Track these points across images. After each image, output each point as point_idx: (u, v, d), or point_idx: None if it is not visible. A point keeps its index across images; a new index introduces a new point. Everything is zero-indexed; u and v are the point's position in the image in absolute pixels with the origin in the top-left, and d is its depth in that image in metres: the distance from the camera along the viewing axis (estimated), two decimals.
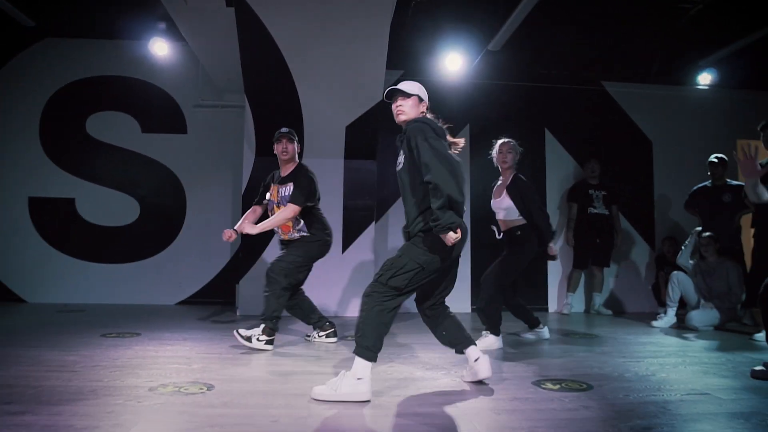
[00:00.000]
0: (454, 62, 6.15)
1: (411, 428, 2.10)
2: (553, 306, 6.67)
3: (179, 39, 6.06)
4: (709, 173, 5.61)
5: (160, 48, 6.19)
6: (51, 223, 6.54)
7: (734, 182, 5.51)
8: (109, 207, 6.58)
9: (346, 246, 5.88)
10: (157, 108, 6.69)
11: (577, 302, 6.65)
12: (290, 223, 3.91)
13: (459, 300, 6.21)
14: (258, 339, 3.64)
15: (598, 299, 6.41)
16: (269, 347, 3.67)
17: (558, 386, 2.74)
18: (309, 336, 4.15)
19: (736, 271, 5.02)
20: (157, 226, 6.61)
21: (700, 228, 5.38)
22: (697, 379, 2.94)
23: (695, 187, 5.75)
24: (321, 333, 4.08)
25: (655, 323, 5.19)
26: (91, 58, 6.65)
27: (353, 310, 5.59)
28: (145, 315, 5.37)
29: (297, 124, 5.50)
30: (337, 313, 5.69)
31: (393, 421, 2.19)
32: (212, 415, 2.19)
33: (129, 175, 6.61)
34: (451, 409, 2.37)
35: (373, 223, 5.95)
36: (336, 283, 5.75)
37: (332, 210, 5.68)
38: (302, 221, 3.92)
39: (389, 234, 6.40)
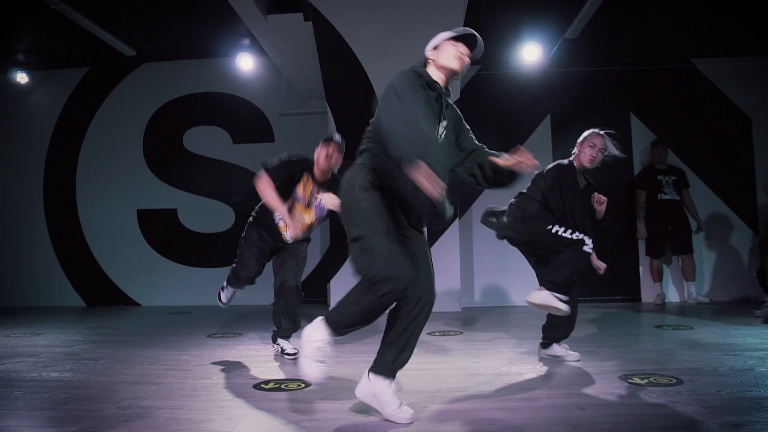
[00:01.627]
0: (531, 53, 6.09)
1: (494, 424, 2.19)
2: (645, 297, 6.44)
3: (262, 53, 6.43)
4: None
5: (246, 63, 6.60)
6: (157, 233, 7.15)
7: None
8: (207, 215, 7.08)
9: (431, 242, 5.99)
10: (245, 119, 7.11)
11: (672, 292, 6.40)
12: (303, 228, 3.62)
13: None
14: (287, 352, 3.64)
15: (693, 287, 6.12)
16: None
17: (646, 381, 2.72)
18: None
19: None
20: None
21: None
22: None
23: None
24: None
25: (758, 313, 4.90)
26: (184, 77, 7.18)
27: (440, 305, 5.68)
28: (244, 315, 5.77)
29: None
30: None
31: (476, 416, 2.28)
32: (311, 410, 2.39)
33: (223, 184, 7.08)
34: (536, 403, 2.43)
35: (458, 219, 6.02)
36: None
37: None
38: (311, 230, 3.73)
39: (473, 230, 6.45)
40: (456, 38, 2.36)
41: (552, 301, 3.05)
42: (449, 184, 2.17)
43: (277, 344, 3.72)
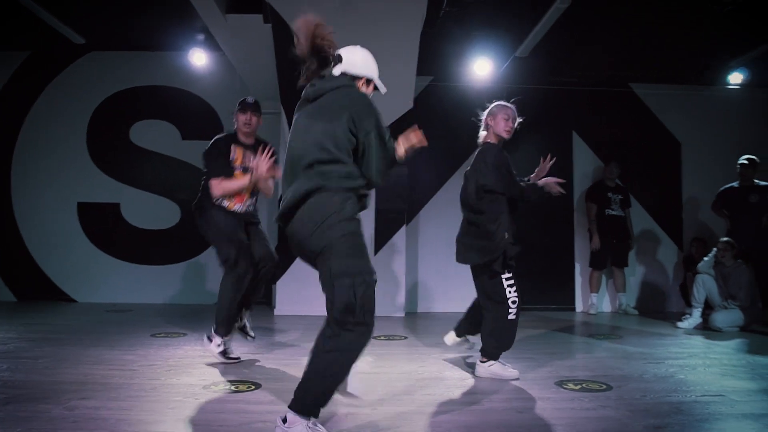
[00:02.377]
0: (482, 68, 6.31)
1: (439, 426, 2.31)
2: (579, 306, 6.79)
3: (216, 49, 6.36)
4: (738, 174, 5.67)
5: (199, 58, 6.51)
6: (98, 227, 6.92)
7: (762, 183, 5.56)
8: (152, 211, 6.93)
9: (378, 248, 6.10)
10: (196, 115, 7.00)
11: (605, 303, 6.77)
12: (247, 194, 3.61)
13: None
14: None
15: (624, 299, 6.51)
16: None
17: (579, 386, 2.92)
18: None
19: (747, 274, 5.12)
20: (198, 229, 6.92)
21: (726, 238, 5.41)
22: (714, 381, 3.08)
23: (722, 188, 5.82)
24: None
25: (680, 324, 5.28)
26: (134, 69, 7.00)
27: (380, 310, 5.80)
28: (188, 315, 5.69)
29: None
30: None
31: (424, 420, 2.40)
32: (263, 411, 2.44)
33: (170, 180, 6.94)
34: (478, 407, 2.57)
35: (404, 226, 6.16)
36: None
37: (365, 214, 5.86)
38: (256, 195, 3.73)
39: (419, 235, 6.60)
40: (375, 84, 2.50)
41: (500, 371, 3.13)
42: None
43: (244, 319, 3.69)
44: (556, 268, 6.75)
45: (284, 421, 2.00)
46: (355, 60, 2.41)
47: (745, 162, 5.61)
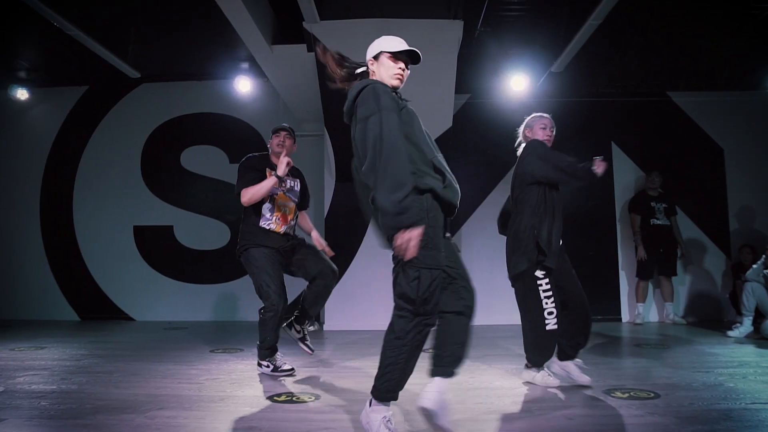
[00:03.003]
0: (518, 83, 6.42)
1: (499, 430, 2.44)
2: (626, 316, 6.76)
3: (260, 76, 6.69)
4: None
5: (244, 85, 6.85)
6: (153, 249, 7.30)
7: None
8: (202, 232, 7.26)
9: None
10: (242, 140, 7.31)
11: (652, 312, 6.73)
12: (291, 215, 3.77)
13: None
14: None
15: (671, 308, 6.46)
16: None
17: (627, 395, 2.99)
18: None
19: None
20: None
21: None
22: (765, 389, 3.10)
23: None
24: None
25: (730, 333, 5.24)
26: (182, 98, 7.40)
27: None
28: (242, 331, 5.94)
29: None
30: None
31: (478, 426, 2.52)
32: (325, 419, 2.61)
33: (219, 202, 7.26)
34: (530, 414, 2.68)
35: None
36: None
37: None
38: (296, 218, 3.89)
39: (463, 249, 6.70)
40: (395, 54, 2.42)
41: (545, 380, 3.24)
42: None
43: (298, 328, 3.79)
44: (601, 278, 6.74)
45: (370, 404, 2.25)
46: (367, 54, 2.54)
47: None
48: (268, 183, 3.59)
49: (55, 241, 7.37)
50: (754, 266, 5.39)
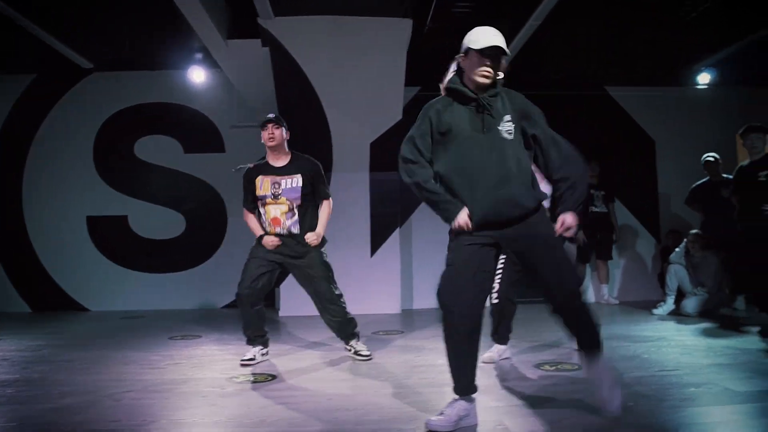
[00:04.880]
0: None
1: (435, 402, 2.73)
2: None
3: (214, 66, 6.75)
4: (705, 171, 6.10)
5: (198, 75, 6.90)
6: (107, 239, 7.31)
7: (730, 177, 5.98)
8: (157, 222, 7.31)
9: (374, 250, 6.50)
10: (197, 130, 7.39)
11: (590, 294, 7.20)
12: (284, 216, 3.68)
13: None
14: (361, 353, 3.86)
15: (606, 289, 6.95)
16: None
17: (554, 367, 3.35)
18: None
19: (714, 263, 5.58)
20: (202, 238, 7.33)
21: (695, 231, 5.83)
22: (672, 359, 3.51)
23: (695, 184, 6.22)
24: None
25: (655, 311, 5.73)
26: (136, 88, 7.37)
27: (378, 307, 6.18)
28: (198, 318, 6.08)
29: (326, 143, 6.14)
30: (363, 312, 6.28)
31: (418, 397, 2.81)
32: (281, 396, 2.86)
33: (174, 192, 7.33)
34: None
35: (398, 228, 6.56)
36: (364, 284, 6.36)
37: (360, 218, 6.35)
38: (297, 214, 3.71)
39: (413, 238, 7.00)
40: (482, 51, 2.39)
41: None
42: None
43: (350, 346, 3.85)
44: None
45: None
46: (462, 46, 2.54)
47: (711, 159, 6.03)
48: (253, 227, 3.74)
49: (4, 233, 7.27)
50: (677, 250, 5.89)
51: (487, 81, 2.42)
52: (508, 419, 2.47)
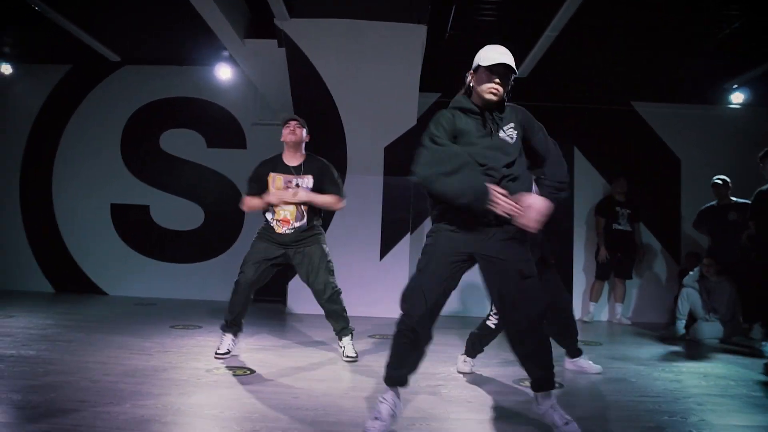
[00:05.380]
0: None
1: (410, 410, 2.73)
2: (577, 314, 7.07)
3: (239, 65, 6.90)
4: (714, 193, 5.94)
5: (224, 72, 7.06)
6: (129, 226, 7.54)
7: (739, 200, 5.80)
8: (178, 213, 7.51)
9: (383, 254, 6.52)
10: (220, 126, 7.56)
11: (604, 312, 7.05)
12: (293, 217, 3.74)
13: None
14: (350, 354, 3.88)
15: (620, 309, 6.78)
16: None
17: None
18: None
19: (729, 287, 5.38)
20: (219, 231, 7.49)
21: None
22: (657, 385, 3.42)
23: (702, 208, 6.08)
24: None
25: (663, 333, 5.56)
26: (164, 82, 7.59)
27: (385, 311, 6.19)
28: (207, 309, 6.20)
29: (340, 146, 6.20)
30: (369, 314, 6.32)
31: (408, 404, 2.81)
32: (251, 390, 2.91)
33: (196, 185, 7.51)
34: (435, 395, 2.98)
35: (408, 234, 6.57)
36: (373, 286, 6.39)
37: (371, 221, 6.39)
38: (306, 214, 3.78)
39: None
40: (491, 68, 2.43)
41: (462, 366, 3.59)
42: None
43: (341, 342, 3.92)
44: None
45: None
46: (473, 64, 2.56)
47: (719, 182, 5.89)
48: (258, 203, 3.76)
49: (33, 215, 7.58)
50: (691, 273, 5.71)
51: (494, 98, 2.46)
52: None
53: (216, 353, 3.71)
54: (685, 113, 7.33)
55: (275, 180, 3.76)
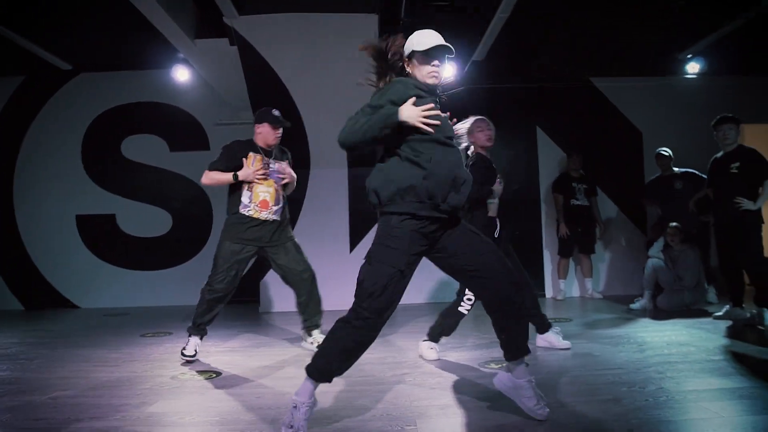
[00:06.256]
0: (445, 71, 6.66)
1: (358, 403, 2.74)
2: (549, 293, 7.17)
3: None
4: (658, 164, 6.13)
5: (182, 74, 6.93)
6: (96, 237, 7.42)
7: (682, 170, 5.99)
8: (145, 220, 7.41)
9: (353, 246, 6.52)
10: (181, 128, 7.44)
11: (574, 288, 7.14)
12: (272, 200, 3.79)
13: None
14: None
15: (590, 284, 6.88)
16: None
17: (500, 365, 3.33)
18: None
19: (693, 255, 5.49)
20: (188, 235, 7.41)
21: (674, 224, 5.75)
22: (620, 357, 3.48)
23: (649, 180, 6.23)
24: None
25: (632, 306, 5.66)
26: (121, 88, 7.44)
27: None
28: (178, 315, 6.13)
29: (302, 141, 6.16)
30: (341, 307, 6.33)
31: (347, 399, 2.82)
32: (215, 393, 2.89)
33: (161, 190, 7.41)
34: (398, 383, 3.00)
35: (377, 224, 6.55)
36: (343, 279, 6.36)
37: (340, 214, 6.39)
38: (282, 202, 3.88)
39: None
40: (427, 52, 2.40)
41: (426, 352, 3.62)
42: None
43: (312, 338, 3.95)
44: (525, 257, 7.08)
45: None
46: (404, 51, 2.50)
47: (664, 153, 6.11)
48: (224, 178, 3.71)
49: None
50: (656, 243, 5.81)
51: (436, 81, 2.46)
52: (449, 416, 2.47)
53: (186, 357, 3.69)
54: (644, 86, 7.41)
55: (255, 160, 3.76)
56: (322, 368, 2.30)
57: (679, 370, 3.11)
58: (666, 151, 6.10)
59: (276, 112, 3.93)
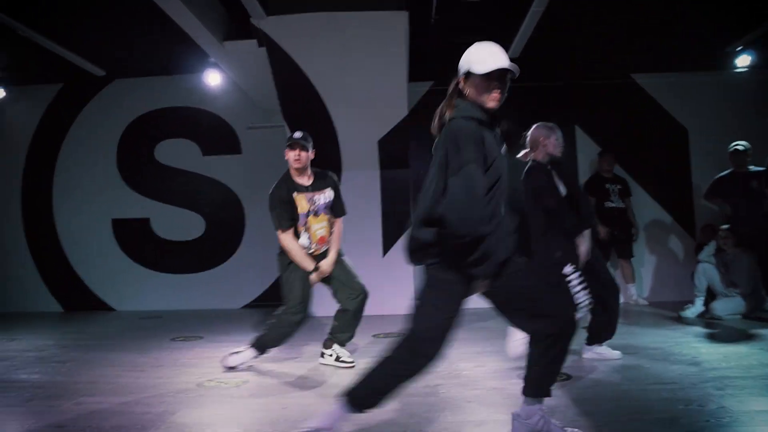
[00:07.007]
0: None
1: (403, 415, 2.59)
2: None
3: None
4: (732, 161, 5.67)
5: (213, 78, 6.91)
6: (131, 241, 7.48)
7: (757, 168, 5.53)
8: (179, 223, 7.43)
9: (386, 249, 6.38)
10: (214, 132, 7.45)
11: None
12: (327, 234, 3.78)
13: None
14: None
15: (634, 289, 6.55)
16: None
17: None
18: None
19: (748, 260, 5.14)
20: (221, 239, 7.40)
21: (726, 226, 5.40)
22: (674, 371, 3.23)
23: (718, 176, 5.79)
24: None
25: (682, 313, 5.34)
26: (154, 93, 7.49)
27: (391, 308, 6.05)
28: (211, 319, 6.12)
29: (332, 142, 6.06)
30: (375, 313, 6.16)
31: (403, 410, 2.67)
32: (238, 403, 2.79)
33: (194, 194, 7.43)
34: (441, 398, 2.84)
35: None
36: (377, 284, 6.22)
37: (372, 217, 6.26)
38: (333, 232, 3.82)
39: None
40: (490, 75, 2.14)
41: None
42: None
43: (330, 350, 3.79)
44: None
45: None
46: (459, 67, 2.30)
47: (740, 148, 5.58)
48: (303, 264, 3.62)
49: (37, 236, 7.54)
50: (706, 247, 5.48)
51: (497, 107, 2.20)
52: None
53: (227, 362, 3.56)
54: (688, 81, 7.05)
55: (300, 200, 3.68)
56: (366, 400, 2.22)
57: (742, 387, 2.84)
58: (742, 145, 5.62)
59: (297, 135, 3.70)
